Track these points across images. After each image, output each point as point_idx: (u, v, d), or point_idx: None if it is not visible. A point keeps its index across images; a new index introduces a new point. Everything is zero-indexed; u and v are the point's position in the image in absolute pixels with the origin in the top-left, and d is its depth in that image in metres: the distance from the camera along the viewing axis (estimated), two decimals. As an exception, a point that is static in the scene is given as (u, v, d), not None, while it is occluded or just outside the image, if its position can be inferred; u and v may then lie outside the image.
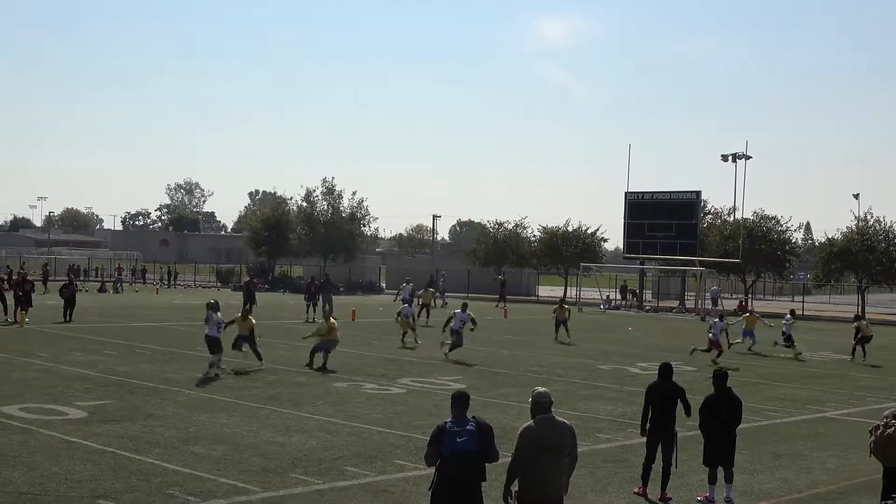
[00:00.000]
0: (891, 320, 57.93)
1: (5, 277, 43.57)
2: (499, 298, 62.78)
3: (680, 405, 13.02)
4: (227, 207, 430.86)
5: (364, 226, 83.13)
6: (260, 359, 24.70)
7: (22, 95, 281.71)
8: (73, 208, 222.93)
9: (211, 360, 23.32)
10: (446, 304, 60.73)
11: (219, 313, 24.11)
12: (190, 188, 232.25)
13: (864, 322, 34.85)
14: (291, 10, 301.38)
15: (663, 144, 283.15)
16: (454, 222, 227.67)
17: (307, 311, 43.56)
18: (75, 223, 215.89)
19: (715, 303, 59.94)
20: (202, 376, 22.54)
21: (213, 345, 23.49)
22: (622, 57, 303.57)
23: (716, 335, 30.92)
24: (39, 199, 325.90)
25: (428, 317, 44.31)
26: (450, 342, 28.94)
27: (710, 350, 30.57)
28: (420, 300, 46.67)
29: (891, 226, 62.86)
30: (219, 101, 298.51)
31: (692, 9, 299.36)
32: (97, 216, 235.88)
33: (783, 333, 34.50)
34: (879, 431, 10.94)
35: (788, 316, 35.76)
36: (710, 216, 74.10)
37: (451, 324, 29.27)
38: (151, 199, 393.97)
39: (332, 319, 26.14)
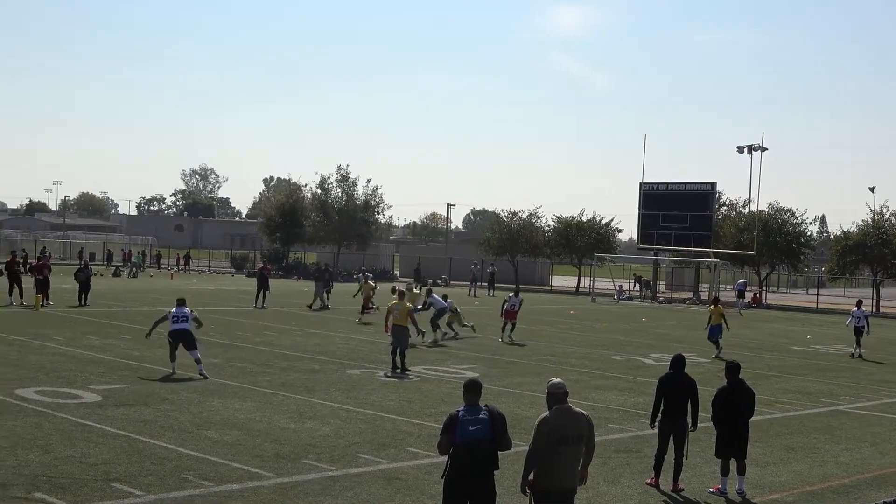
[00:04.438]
0: (905, 314, 57.72)
1: (20, 261, 43.74)
2: (488, 287, 63.08)
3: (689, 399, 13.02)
4: (241, 193, 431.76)
5: (378, 213, 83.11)
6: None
7: (37, 80, 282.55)
8: (88, 193, 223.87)
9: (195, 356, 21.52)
10: (475, 294, 60.73)
11: (186, 307, 21.91)
12: (205, 174, 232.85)
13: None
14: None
15: (678, 135, 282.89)
16: (468, 211, 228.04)
17: (319, 298, 43.51)
18: (90, 207, 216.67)
19: (741, 295, 59.62)
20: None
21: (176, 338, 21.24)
22: (638, 47, 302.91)
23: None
24: (55, 183, 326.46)
25: (362, 312, 38.30)
26: (443, 332, 30.25)
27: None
28: (361, 293, 40.03)
29: (906, 219, 62.57)
30: (234, 86, 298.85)
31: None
32: (112, 201, 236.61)
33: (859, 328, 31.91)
34: None
35: (858, 309, 32.83)
36: (725, 208, 73.81)
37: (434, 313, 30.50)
38: (166, 185, 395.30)
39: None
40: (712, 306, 31.87)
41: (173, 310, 21.43)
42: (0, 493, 10.98)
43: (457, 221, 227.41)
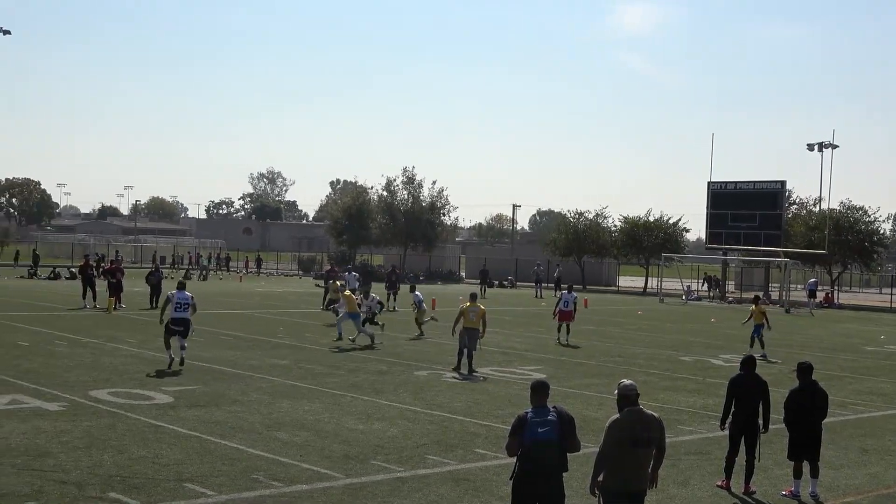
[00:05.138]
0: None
1: (94, 265, 44.53)
2: (554, 288, 62.71)
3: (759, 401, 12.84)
4: (308, 196, 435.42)
5: (444, 215, 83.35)
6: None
7: (109, 88, 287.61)
8: (158, 197, 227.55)
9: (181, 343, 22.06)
10: (541, 295, 60.43)
11: (188, 292, 22.73)
12: (272, 177, 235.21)
13: None
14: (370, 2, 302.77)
15: (747, 133, 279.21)
16: (534, 212, 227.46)
17: (388, 300, 43.77)
18: (160, 211, 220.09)
19: (812, 295, 58.66)
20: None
21: (176, 325, 22.03)
22: (704, 44, 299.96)
23: None
24: (126, 188, 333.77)
25: (324, 303, 39.08)
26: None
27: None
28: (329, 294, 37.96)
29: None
30: (301, 90, 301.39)
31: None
32: (182, 205, 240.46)
33: None
34: None
35: None
36: (795, 206, 72.79)
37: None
38: (235, 188, 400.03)
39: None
40: (753, 306, 31.29)
41: (175, 293, 22.24)
42: (76, 492, 11.19)
43: (522, 222, 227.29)
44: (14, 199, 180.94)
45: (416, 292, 32.65)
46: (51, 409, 16.16)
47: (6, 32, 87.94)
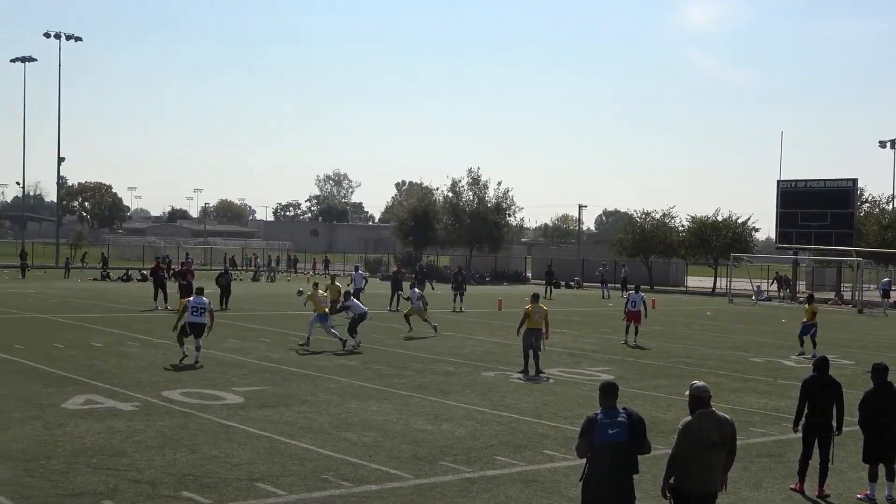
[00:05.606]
0: None
1: (164, 267, 45.19)
2: (621, 288, 62.06)
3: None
4: (374, 198, 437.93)
5: (509, 216, 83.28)
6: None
7: (177, 93, 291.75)
8: (227, 200, 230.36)
9: (196, 344, 22.66)
10: (608, 295, 60.03)
11: (205, 297, 23.78)
12: (338, 179, 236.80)
13: None
14: (433, 3, 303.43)
15: (817, 131, 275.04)
16: (600, 212, 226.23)
17: (454, 301, 43.86)
18: (229, 214, 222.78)
19: (886, 295, 57.50)
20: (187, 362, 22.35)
21: (193, 330, 22.76)
22: (772, 41, 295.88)
23: None
24: (196, 191, 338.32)
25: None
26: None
27: None
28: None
29: None
30: (366, 92, 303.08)
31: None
32: (250, 207, 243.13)
33: None
34: None
35: None
36: (868, 205, 71.52)
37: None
38: (301, 191, 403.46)
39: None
40: (807, 304, 30.62)
41: (192, 299, 23.24)
42: (150, 490, 11.37)
43: (588, 223, 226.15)
44: (87, 203, 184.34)
45: (415, 289, 32.50)
46: (125, 409, 16.43)
47: (77, 39, 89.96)
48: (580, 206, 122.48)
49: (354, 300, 28.01)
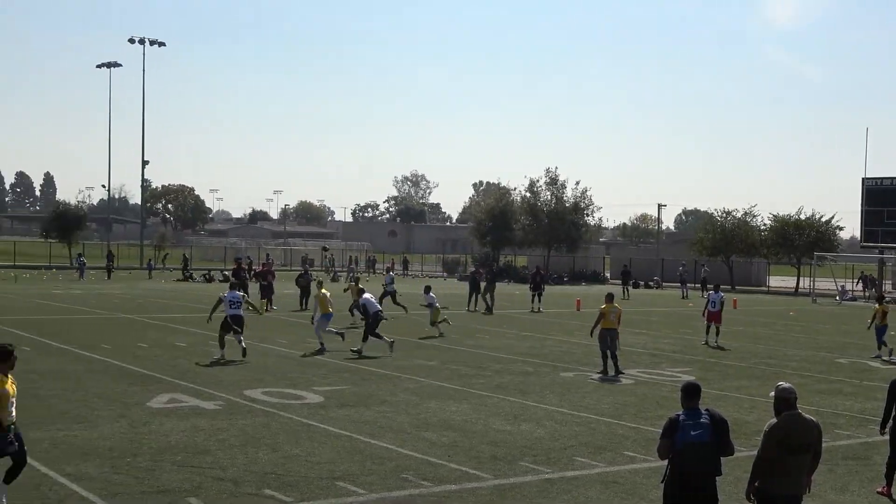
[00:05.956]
0: None
1: (246, 268, 45.81)
2: (701, 289, 61.15)
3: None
4: (451, 198, 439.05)
5: (587, 215, 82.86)
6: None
7: (258, 97, 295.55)
8: (306, 201, 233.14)
9: (238, 338, 23.35)
10: (687, 295, 59.39)
11: (238, 291, 24.54)
12: (416, 180, 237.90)
13: None
14: (512, 4, 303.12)
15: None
16: (679, 211, 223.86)
17: (532, 301, 43.76)
18: (308, 215, 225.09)
19: None
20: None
21: (236, 323, 23.48)
22: (856, 36, 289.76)
23: None
24: (276, 192, 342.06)
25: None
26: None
27: None
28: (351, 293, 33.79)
29: None
30: (444, 93, 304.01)
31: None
32: (329, 208, 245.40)
33: None
34: None
35: None
36: (958, 202, 69.59)
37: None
38: (379, 192, 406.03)
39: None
40: (877, 304, 29.67)
41: (226, 294, 23.99)
42: (233, 488, 11.53)
43: (668, 222, 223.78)
44: (170, 206, 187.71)
45: (430, 293, 32.21)
46: (208, 407, 16.69)
47: (161, 44, 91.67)
48: (659, 206, 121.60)
49: (367, 296, 26.85)
